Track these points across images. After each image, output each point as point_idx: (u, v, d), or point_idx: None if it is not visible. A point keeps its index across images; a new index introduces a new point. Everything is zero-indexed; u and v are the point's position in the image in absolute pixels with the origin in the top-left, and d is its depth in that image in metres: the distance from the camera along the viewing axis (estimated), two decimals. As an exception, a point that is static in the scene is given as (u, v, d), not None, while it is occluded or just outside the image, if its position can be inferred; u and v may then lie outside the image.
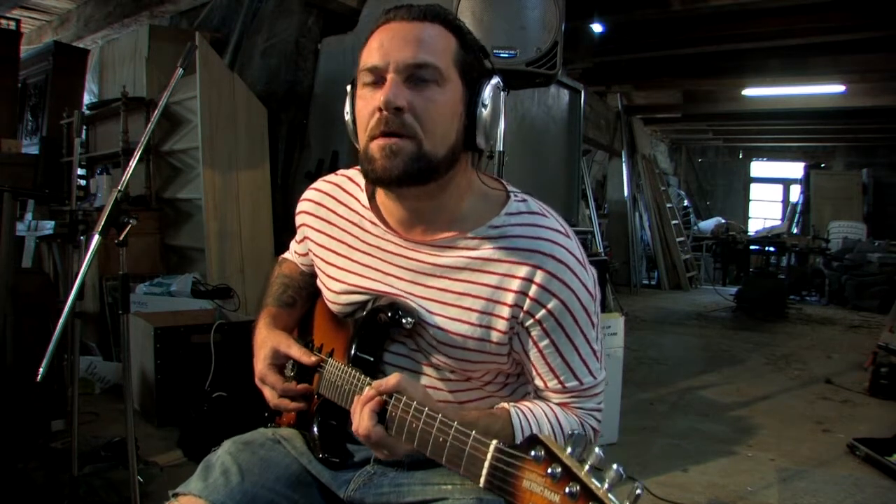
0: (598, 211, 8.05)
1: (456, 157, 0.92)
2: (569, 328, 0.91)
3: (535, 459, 0.64)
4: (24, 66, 4.86)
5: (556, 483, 0.62)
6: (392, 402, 0.83)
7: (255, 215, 3.79)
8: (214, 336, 2.82)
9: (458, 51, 0.90)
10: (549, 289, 0.89)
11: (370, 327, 0.97)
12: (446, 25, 0.91)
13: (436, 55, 0.88)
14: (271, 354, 1.05)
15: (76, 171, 2.51)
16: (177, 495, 0.97)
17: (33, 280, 2.69)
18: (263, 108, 3.88)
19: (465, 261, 0.93)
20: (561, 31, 2.00)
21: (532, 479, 0.64)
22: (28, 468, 2.28)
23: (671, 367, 4.46)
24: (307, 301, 1.18)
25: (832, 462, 2.77)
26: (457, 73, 0.90)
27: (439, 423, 0.77)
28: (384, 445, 0.84)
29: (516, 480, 0.66)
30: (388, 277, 0.98)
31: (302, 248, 1.17)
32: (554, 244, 0.91)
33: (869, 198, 10.33)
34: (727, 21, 5.23)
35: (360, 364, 0.97)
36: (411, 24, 0.89)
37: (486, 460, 0.70)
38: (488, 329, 0.92)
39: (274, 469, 1.01)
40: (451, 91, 0.89)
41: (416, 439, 0.80)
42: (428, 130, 0.87)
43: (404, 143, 0.86)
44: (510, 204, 0.96)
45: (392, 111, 0.85)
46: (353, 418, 0.86)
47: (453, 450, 0.75)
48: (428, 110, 0.87)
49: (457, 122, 0.90)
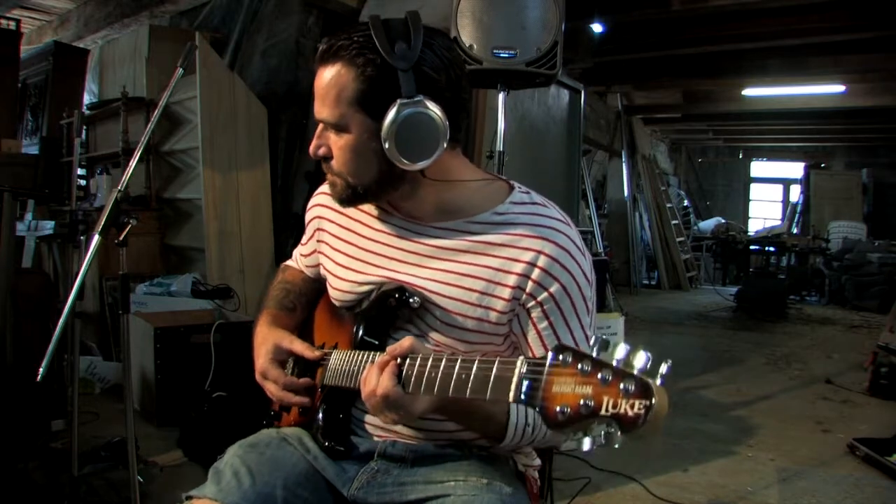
0: (598, 211, 8.05)
1: (395, 177, 0.95)
2: (566, 311, 0.95)
3: (563, 363, 0.65)
4: (24, 66, 4.86)
5: (586, 376, 0.63)
6: (407, 363, 0.84)
7: (255, 215, 3.79)
8: (214, 336, 2.82)
9: (358, 88, 0.91)
10: (552, 272, 0.93)
11: (378, 311, 1.00)
12: (346, 61, 0.91)
13: (330, 107, 0.93)
14: (273, 350, 1.07)
15: (76, 171, 2.51)
16: (190, 498, 0.98)
17: (33, 280, 2.70)
18: (263, 108, 3.88)
19: (468, 244, 0.97)
20: (561, 31, 2.00)
21: (562, 382, 0.64)
22: (28, 468, 2.27)
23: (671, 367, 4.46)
24: (307, 308, 1.20)
25: (832, 462, 2.77)
26: (358, 111, 0.92)
27: (461, 362, 0.78)
28: (401, 405, 0.84)
29: (547, 385, 0.66)
30: (391, 262, 1.02)
31: (307, 249, 1.19)
32: (556, 231, 0.96)
33: (869, 198, 10.33)
34: (727, 21, 5.24)
35: (366, 347, 0.99)
36: (321, 70, 0.94)
37: (514, 377, 0.70)
38: (487, 309, 0.96)
39: (283, 468, 1.02)
40: (354, 133, 0.93)
41: (436, 386, 0.80)
42: (343, 171, 0.96)
43: (335, 179, 0.99)
44: (514, 194, 1.00)
45: (319, 158, 0.98)
46: (368, 383, 0.86)
47: (478, 381, 0.75)
48: (337, 157, 0.96)
49: (373, 157, 0.94)
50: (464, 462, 1.01)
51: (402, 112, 0.89)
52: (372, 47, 0.90)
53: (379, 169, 0.94)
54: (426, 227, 1.00)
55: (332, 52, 0.92)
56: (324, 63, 0.93)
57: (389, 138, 0.90)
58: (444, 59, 0.94)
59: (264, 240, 3.83)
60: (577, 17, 4.79)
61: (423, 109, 0.90)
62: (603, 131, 8.18)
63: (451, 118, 0.93)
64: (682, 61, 6.55)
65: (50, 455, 2.38)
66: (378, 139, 0.91)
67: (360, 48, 0.90)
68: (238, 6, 4.45)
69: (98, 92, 4.97)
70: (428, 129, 0.91)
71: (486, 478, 0.96)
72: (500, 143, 2.19)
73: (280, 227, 3.89)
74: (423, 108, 0.90)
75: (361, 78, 0.90)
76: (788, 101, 7.77)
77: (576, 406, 0.63)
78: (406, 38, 0.91)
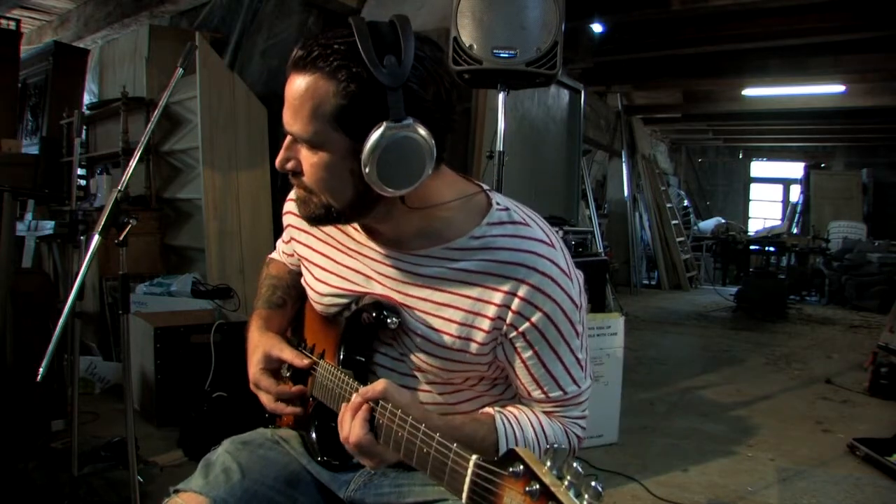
0: (598, 211, 8.04)
1: (371, 200, 0.86)
2: (552, 340, 0.90)
3: (514, 476, 0.64)
4: (24, 66, 4.86)
5: (535, 501, 0.61)
6: (378, 409, 0.82)
7: (255, 215, 3.79)
8: (214, 336, 2.82)
9: (337, 104, 0.80)
10: (533, 302, 0.88)
11: (356, 329, 0.96)
12: (325, 73, 0.80)
13: (303, 122, 0.82)
14: (263, 359, 1.04)
15: (76, 171, 2.52)
16: (177, 491, 0.98)
17: (33, 280, 2.69)
18: (263, 108, 3.88)
19: (446, 271, 0.91)
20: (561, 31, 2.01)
21: (512, 497, 0.64)
22: (28, 468, 2.27)
23: (671, 367, 4.46)
24: (297, 300, 1.17)
25: (832, 462, 2.77)
26: (335, 130, 0.82)
27: (422, 433, 0.75)
28: (374, 454, 0.82)
29: (497, 498, 0.65)
30: (370, 282, 0.97)
31: (289, 249, 1.16)
32: (538, 256, 0.88)
33: (869, 198, 10.32)
34: (727, 21, 5.24)
35: (350, 366, 0.96)
36: (294, 77, 0.83)
37: (467, 476, 0.69)
38: (467, 340, 0.91)
39: (273, 467, 1.02)
40: (330, 152, 0.83)
41: (402, 449, 0.78)
42: (316, 190, 0.87)
43: (308, 196, 0.89)
44: (491, 213, 0.92)
45: (287, 172, 0.89)
46: (343, 428, 0.84)
47: (436, 462, 0.73)
48: (309, 175, 0.87)
49: (348, 178, 0.84)
50: None
51: (388, 136, 0.80)
52: (356, 59, 0.79)
53: (355, 191, 0.85)
54: (403, 253, 0.93)
55: (309, 59, 0.81)
56: (298, 70, 0.82)
57: (370, 163, 0.81)
58: (435, 75, 0.84)
59: (264, 240, 3.83)
60: (577, 17, 4.79)
61: (411, 134, 0.81)
62: (603, 131, 8.18)
63: (438, 139, 0.83)
64: (682, 61, 6.55)
65: (50, 455, 2.38)
66: (356, 160, 0.82)
67: (342, 59, 0.79)
68: (238, 6, 4.45)
69: (98, 92, 4.97)
70: (414, 154, 0.82)
71: None
72: (500, 143, 2.20)
73: (280, 227, 3.87)
74: (411, 132, 0.81)
75: (342, 94, 0.80)
76: (788, 101, 7.77)
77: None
78: (395, 48, 0.80)
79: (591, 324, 2.71)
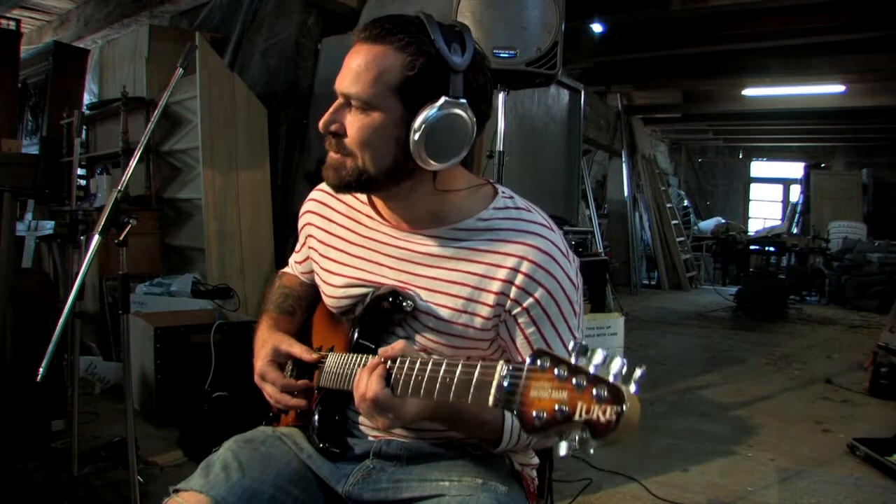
0: (598, 211, 8.05)
1: (404, 172, 0.94)
2: (553, 316, 0.95)
3: (541, 368, 0.66)
4: (24, 66, 4.86)
5: (562, 381, 0.63)
6: (396, 366, 0.85)
7: (255, 215, 3.79)
8: (214, 336, 2.82)
9: (404, 75, 0.90)
10: (535, 278, 0.94)
11: (372, 315, 1.01)
12: (396, 47, 0.90)
13: (364, 84, 0.90)
14: (272, 352, 1.08)
15: (76, 171, 2.52)
16: (178, 491, 0.98)
17: (33, 280, 2.69)
18: (263, 108, 3.88)
19: (453, 250, 0.98)
20: (561, 31, 2.00)
21: (539, 387, 0.65)
22: (28, 468, 2.27)
23: (671, 367, 4.46)
24: (306, 311, 1.21)
25: (832, 462, 2.77)
26: (394, 97, 0.90)
27: (445, 365, 0.79)
28: (389, 408, 0.85)
29: (525, 390, 0.67)
30: (381, 268, 1.03)
31: (301, 256, 1.21)
32: (538, 236, 0.96)
33: (869, 198, 10.32)
34: (727, 21, 5.24)
35: (361, 350, 1.00)
36: (362, 47, 0.92)
37: (494, 381, 0.72)
38: (472, 315, 0.96)
39: (274, 465, 1.02)
40: (380, 117, 0.91)
41: (422, 389, 0.81)
42: (357, 151, 0.93)
43: (343, 160, 0.95)
44: (497, 199, 1.01)
45: (329, 133, 0.95)
46: (359, 386, 0.87)
47: (460, 385, 0.76)
48: (353, 136, 0.93)
49: (392, 145, 0.92)
50: (458, 461, 1.01)
51: (445, 110, 0.90)
52: (427, 40, 0.90)
53: (394, 159, 0.93)
54: (413, 233, 1.01)
55: (381, 34, 0.90)
56: (368, 42, 0.91)
57: (421, 131, 0.89)
58: (485, 70, 0.96)
59: (264, 240, 3.83)
60: (577, 17, 4.79)
61: (463, 113, 0.91)
62: (603, 131, 8.17)
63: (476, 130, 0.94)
64: (682, 61, 6.55)
65: (50, 455, 2.38)
66: (405, 128, 0.90)
67: (413, 38, 0.90)
68: (238, 6, 4.45)
69: (98, 92, 4.97)
70: (459, 132, 0.92)
71: (480, 477, 0.96)
72: (500, 143, 2.19)
73: (280, 227, 3.88)
74: (464, 111, 0.91)
75: (409, 66, 0.89)
76: (788, 101, 7.77)
77: (551, 411, 0.64)
78: (460, 41, 0.92)
79: (591, 324, 2.70)
